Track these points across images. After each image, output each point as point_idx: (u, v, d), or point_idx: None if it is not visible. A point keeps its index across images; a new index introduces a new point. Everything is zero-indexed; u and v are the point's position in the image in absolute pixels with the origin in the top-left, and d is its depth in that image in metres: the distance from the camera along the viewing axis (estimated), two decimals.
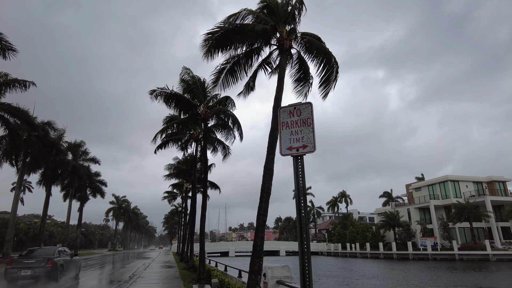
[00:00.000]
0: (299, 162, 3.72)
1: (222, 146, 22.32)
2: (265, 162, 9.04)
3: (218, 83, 11.99)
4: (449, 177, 54.55)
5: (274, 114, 9.48)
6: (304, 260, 3.62)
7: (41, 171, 36.85)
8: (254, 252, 8.18)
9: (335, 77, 11.13)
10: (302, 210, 3.66)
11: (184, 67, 17.60)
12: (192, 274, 17.59)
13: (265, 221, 8.53)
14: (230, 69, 11.70)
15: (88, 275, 20.01)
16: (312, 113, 3.62)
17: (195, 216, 23.25)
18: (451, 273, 29.38)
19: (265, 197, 8.57)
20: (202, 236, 15.24)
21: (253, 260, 8.07)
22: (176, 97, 16.39)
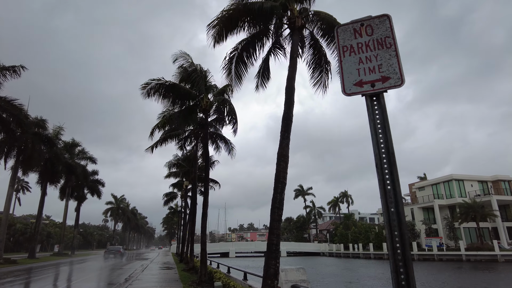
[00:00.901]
0: (377, 105, 2.34)
1: (224, 142, 21.30)
2: (278, 148, 7.97)
3: (231, 75, 10.94)
4: (454, 176, 53.51)
5: (288, 96, 8.45)
6: (399, 268, 2.18)
7: (36, 169, 35.76)
8: (269, 253, 7.09)
9: None
10: (389, 184, 2.24)
11: (181, 51, 16.20)
12: (193, 276, 16.51)
13: (281, 215, 7.45)
14: (239, 56, 10.64)
15: (83, 277, 18.93)
16: (393, 30, 2.39)
17: (196, 215, 22.19)
18: (462, 274, 28.33)
19: (280, 187, 7.50)
20: (204, 235, 14.17)
21: (268, 262, 7.01)
22: (174, 88, 15.06)
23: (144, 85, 14.48)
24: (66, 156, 42.61)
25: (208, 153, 15.68)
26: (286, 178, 7.71)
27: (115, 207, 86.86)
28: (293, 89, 8.51)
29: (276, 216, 7.32)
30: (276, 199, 7.42)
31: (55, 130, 37.42)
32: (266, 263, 7.07)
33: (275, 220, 7.33)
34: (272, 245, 7.06)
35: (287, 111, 8.21)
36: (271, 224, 7.36)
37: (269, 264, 6.93)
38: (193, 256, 22.05)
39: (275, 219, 7.33)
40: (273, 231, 7.24)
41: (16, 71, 27.08)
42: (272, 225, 7.34)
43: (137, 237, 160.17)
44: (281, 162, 7.71)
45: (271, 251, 7.05)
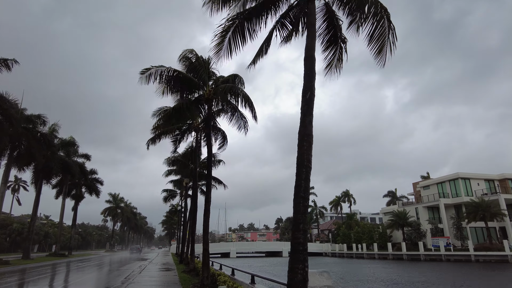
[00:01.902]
0: None
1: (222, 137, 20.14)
2: (300, 126, 6.74)
3: (223, 46, 9.61)
4: (460, 175, 52.29)
5: (308, 67, 7.25)
6: None
7: (31, 167, 34.52)
8: (295, 254, 5.85)
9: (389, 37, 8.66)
10: None
11: (188, 49, 15.10)
12: (194, 278, 15.30)
13: (307, 206, 6.22)
14: (239, 25, 9.36)
15: (75, 280, 17.72)
16: None
17: (196, 213, 20.98)
18: (478, 276, 27.06)
19: (305, 172, 6.27)
20: (206, 234, 12.91)
21: (294, 266, 5.79)
22: (176, 76, 13.78)
23: (144, 70, 13.25)
24: (63, 153, 41.43)
25: (211, 144, 14.48)
26: (311, 162, 6.48)
27: (113, 207, 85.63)
28: (314, 59, 7.32)
29: (302, 208, 6.07)
30: (300, 186, 6.18)
31: (51, 127, 36.15)
32: (291, 267, 5.78)
33: (300, 212, 6.06)
34: (298, 245, 5.80)
35: (307, 83, 7.02)
36: (296, 218, 6.09)
37: (295, 268, 5.67)
38: (194, 257, 20.84)
39: (300, 211, 6.07)
40: (298, 226, 5.96)
41: (8, 65, 25.93)
42: (297, 219, 6.06)
43: (136, 237, 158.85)
44: (304, 142, 6.49)
45: (297, 252, 5.78)
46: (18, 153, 29.43)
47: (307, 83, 7.06)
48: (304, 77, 7.15)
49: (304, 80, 7.13)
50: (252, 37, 9.82)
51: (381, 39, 8.91)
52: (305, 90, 7.01)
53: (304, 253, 5.75)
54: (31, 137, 28.93)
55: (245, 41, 9.76)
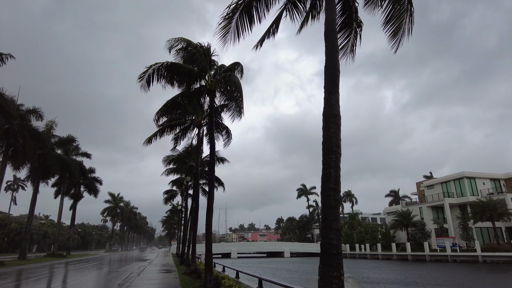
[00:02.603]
0: None
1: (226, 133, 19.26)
2: (325, 107, 5.86)
3: (230, 27, 8.75)
4: (465, 174, 51.35)
5: (329, 42, 6.39)
6: None
7: (28, 165, 33.62)
8: (327, 258, 4.94)
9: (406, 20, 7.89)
10: None
11: (175, 38, 13.63)
12: (195, 281, 14.41)
13: (338, 200, 5.30)
14: (246, 5, 8.50)
15: (71, 282, 16.85)
16: None
17: (198, 212, 20.11)
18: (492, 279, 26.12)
19: (334, 159, 5.39)
20: (209, 234, 11.99)
21: (327, 274, 4.86)
22: (174, 69, 12.79)
23: (142, 74, 12.38)
24: (61, 152, 40.58)
25: (214, 138, 13.58)
26: (340, 147, 5.60)
27: (113, 206, 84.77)
28: (335, 33, 6.47)
29: (332, 202, 5.16)
30: (329, 176, 5.28)
31: (48, 124, 35.28)
32: (323, 275, 4.89)
33: (331, 206, 5.15)
34: (331, 247, 4.86)
35: (330, 59, 6.16)
36: (326, 214, 5.17)
37: (328, 277, 4.72)
38: (195, 258, 19.96)
39: (331, 205, 5.16)
40: (330, 224, 5.02)
41: (3, 58, 25.18)
42: (328, 216, 5.13)
43: (136, 237, 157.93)
44: (331, 124, 5.61)
45: (330, 256, 4.84)
46: (13, 150, 28.53)
47: (329, 58, 6.19)
48: (326, 53, 6.29)
49: (326, 55, 6.27)
50: (260, 18, 8.97)
51: (398, 21, 8.25)
52: (328, 66, 6.14)
53: (339, 257, 4.83)
54: (27, 133, 28.04)
55: (252, 23, 8.90)
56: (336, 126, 5.65)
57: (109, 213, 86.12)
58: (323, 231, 5.06)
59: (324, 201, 5.32)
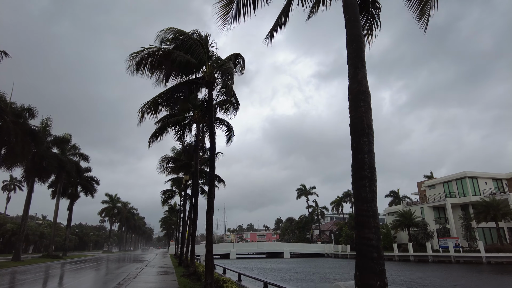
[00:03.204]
0: None
1: (228, 128, 18.49)
2: (350, 84, 5.12)
3: (231, 7, 8.00)
4: (467, 174, 50.71)
5: (350, 14, 5.69)
6: None
7: (23, 164, 32.75)
8: (367, 263, 4.22)
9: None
10: None
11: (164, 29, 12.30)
12: (195, 284, 13.65)
13: (375, 191, 4.54)
14: None
15: (64, 285, 16.06)
16: None
17: (197, 212, 19.36)
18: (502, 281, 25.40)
19: (367, 143, 4.65)
20: (210, 234, 11.21)
21: (367, 278, 4.17)
22: (171, 56, 11.73)
23: (134, 54, 11.54)
24: (57, 151, 39.73)
25: (214, 131, 12.81)
26: (372, 128, 4.87)
27: (110, 207, 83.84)
28: (355, 5, 5.75)
29: (369, 193, 4.39)
30: (362, 163, 4.52)
31: (43, 122, 34.43)
32: (362, 284, 4.17)
33: (367, 200, 4.37)
34: (371, 249, 4.10)
35: (352, 31, 5.46)
36: (360, 209, 4.37)
37: (369, 285, 4.06)
38: (194, 259, 19.21)
39: (367, 198, 4.37)
40: (367, 221, 4.23)
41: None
42: (363, 210, 4.38)
43: (134, 238, 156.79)
44: (361, 102, 4.87)
45: (370, 260, 4.10)
46: (7, 148, 27.67)
47: (351, 31, 5.48)
48: (346, 27, 5.60)
49: (347, 29, 5.57)
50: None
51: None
52: (350, 39, 5.42)
53: (381, 262, 4.09)
54: (20, 131, 27.20)
55: (256, 4, 8.15)
56: (367, 104, 4.90)
57: (106, 213, 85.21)
58: (358, 229, 4.29)
59: (358, 193, 4.53)
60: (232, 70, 11.70)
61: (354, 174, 4.67)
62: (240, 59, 13.92)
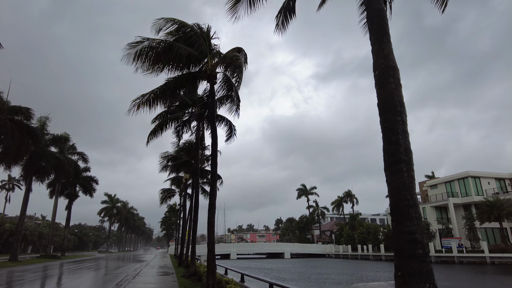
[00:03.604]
0: None
1: (229, 127, 17.98)
2: (376, 59, 4.64)
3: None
4: (470, 173, 50.26)
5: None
6: None
7: (21, 163, 32.24)
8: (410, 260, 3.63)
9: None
10: None
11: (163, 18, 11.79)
12: (196, 285, 13.17)
13: (413, 177, 4.00)
14: None
15: (59, 286, 15.59)
16: None
17: (198, 211, 18.88)
18: None
19: (401, 122, 4.08)
20: (212, 233, 10.72)
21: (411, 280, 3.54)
22: (172, 49, 11.19)
23: (134, 44, 11.02)
24: (56, 150, 39.23)
25: (215, 126, 12.32)
26: (404, 106, 4.36)
27: (110, 207, 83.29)
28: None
29: (407, 179, 3.82)
30: (397, 144, 3.96)
31: (41, 119, 33.92)
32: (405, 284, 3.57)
33: (406, 187, 3.76)
34: (415, 244, 3.47)
35: (374, 5, 4.94)
36: (398, 198, 3.78)
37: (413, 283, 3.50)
38: (195, 259, 18.73)
39: (405, 184, 3.77)
40: (407, 211, 3.70)
41: None
42: (401, 200, 3.82)
43: (134, 238, 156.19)
44: (390, 78, 4.39)
45: (414, 256, 3.58)
46: (3, 147, 27.17)
47: (372, 5, 4.97)
48: (366, 1, 5.08)
49: (366, 4, 5.07)
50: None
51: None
52: (372, 14, 4.93)
53: (427, 259, 3.55)
54: (17, 129, 26.71)
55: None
56: (396, 80, 4.41)
57: (106, 213, 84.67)
58: (396, 222, 3.71)
59: (394, 179, 3.98)
60: (240, 61, 11.21)
61: (387, 158, 4.13)
62: (242, 54, 13.43)
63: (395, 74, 4.56)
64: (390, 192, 4.00)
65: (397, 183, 3.96)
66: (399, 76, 4.60)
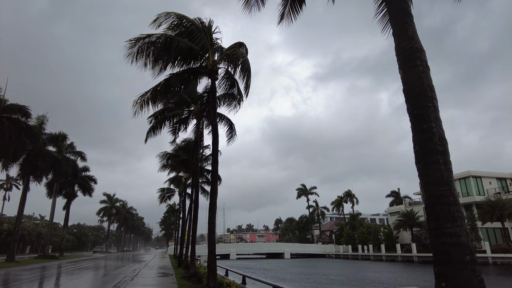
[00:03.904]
0: None
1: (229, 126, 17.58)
2: (400, 42, 4.26)
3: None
4: (471, 173, 49.91)
5: None
6: None
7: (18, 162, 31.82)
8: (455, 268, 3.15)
9: None
10: None
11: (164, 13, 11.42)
12: (196, 287, 12.80)
13: (451, 171, 3.70)
14: None
15: (60, 286, 15.21)
16: None
17: (198, 210, 18.52)
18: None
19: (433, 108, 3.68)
20: (212, 233, 10.34)
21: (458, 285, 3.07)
22: (172, 44, 10.89)
23: (134, 40, 10.67)
24: (53, 149, 38.80)
25: (216, 123, 11.97)
26: (435, 91, 3.95)
27: (109, 206, 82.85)
28: None
29: (444, 172, 3.39)
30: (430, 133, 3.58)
31: (39, 118, 33.50)
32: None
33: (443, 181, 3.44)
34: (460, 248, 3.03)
35: None
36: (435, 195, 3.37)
37: None
38: (195, 260, 18.37)
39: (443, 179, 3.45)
40: (448, 210, 3.31)
41: None
42: (439, 196, 3.42)
43: (133, 238, 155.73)
44: (417, 61, 3.99)
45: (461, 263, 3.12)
46: (0, 146, 26.74)
47: None
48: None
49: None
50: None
51: None
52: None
53: (476, 267, 3.12)
54: (14, 128, 26.31)
55: None
56: (424, 63, 4.04)
57: (105, 213, 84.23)
58: (434, 222, 3.28)
59: (429, 172, 3.59)
60: (245, 56, 10.86)
61: (419, 149, 3.74)
62: (243, 49, 13.06)
63: (422, 56, 4.17)
64: (424, 188, 3.60)
65: (434, 177, 3.57)
66: (426, 58, 4.22)
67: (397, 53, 4.28)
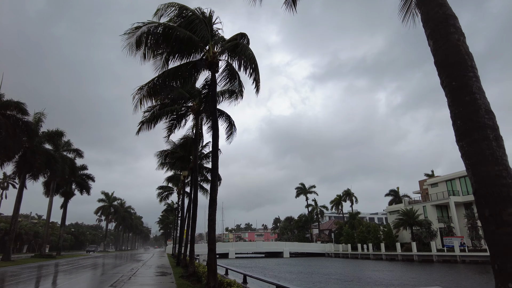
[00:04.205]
0: None
1: (228, 122, 17.17)
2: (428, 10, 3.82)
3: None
4: None
5: None
6: None
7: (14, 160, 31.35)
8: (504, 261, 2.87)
9: None
10: None
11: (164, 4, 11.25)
12: (195, 286, 12.42)
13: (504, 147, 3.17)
14: None
15: (56, 286, 14.81)
16: None
17: (197, 208, 18.14)
18: None
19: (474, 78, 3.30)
20: (212, 231, 9.94)
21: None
22: (171, 34, 10.47)
23: (134, 29, 10.25)
24: (50, 146, 38.30)
25: (216, 118, 11.59)
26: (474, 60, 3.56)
27: (107, 205, 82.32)
28: None
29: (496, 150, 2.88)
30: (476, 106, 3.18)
31: (36, 116, 33.02)
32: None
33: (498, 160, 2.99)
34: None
35: None
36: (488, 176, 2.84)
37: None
38: (193, 259, 17.99)
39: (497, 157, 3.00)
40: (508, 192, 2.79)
41: None
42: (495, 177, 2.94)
43: (132, 237, 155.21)
44: (450, 28, 3.68)
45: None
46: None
47: None
48: None
49: None
50: None
51: None
52: None
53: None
54: (11, 124, 25.85)
55: None
56: (459, 30, 3.66)
57: (103, 212, 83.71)
58: (490, 208, 2.82)
59: (478, 150, 3.11)
60: (247, 50, 10.47)
61: (462, 124, 3.30)
62: (245, 39, 12.66)
63: (456, 23, 3.80)
64: (471, 170, 3.14)
65: (485, 155, 3.10)
66: (460, 25, 3.81)
67: (425, 22, 3.85)
